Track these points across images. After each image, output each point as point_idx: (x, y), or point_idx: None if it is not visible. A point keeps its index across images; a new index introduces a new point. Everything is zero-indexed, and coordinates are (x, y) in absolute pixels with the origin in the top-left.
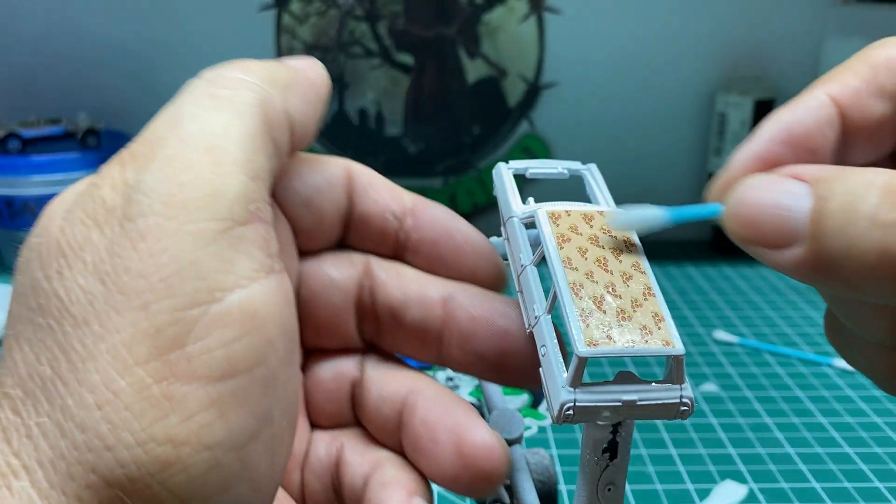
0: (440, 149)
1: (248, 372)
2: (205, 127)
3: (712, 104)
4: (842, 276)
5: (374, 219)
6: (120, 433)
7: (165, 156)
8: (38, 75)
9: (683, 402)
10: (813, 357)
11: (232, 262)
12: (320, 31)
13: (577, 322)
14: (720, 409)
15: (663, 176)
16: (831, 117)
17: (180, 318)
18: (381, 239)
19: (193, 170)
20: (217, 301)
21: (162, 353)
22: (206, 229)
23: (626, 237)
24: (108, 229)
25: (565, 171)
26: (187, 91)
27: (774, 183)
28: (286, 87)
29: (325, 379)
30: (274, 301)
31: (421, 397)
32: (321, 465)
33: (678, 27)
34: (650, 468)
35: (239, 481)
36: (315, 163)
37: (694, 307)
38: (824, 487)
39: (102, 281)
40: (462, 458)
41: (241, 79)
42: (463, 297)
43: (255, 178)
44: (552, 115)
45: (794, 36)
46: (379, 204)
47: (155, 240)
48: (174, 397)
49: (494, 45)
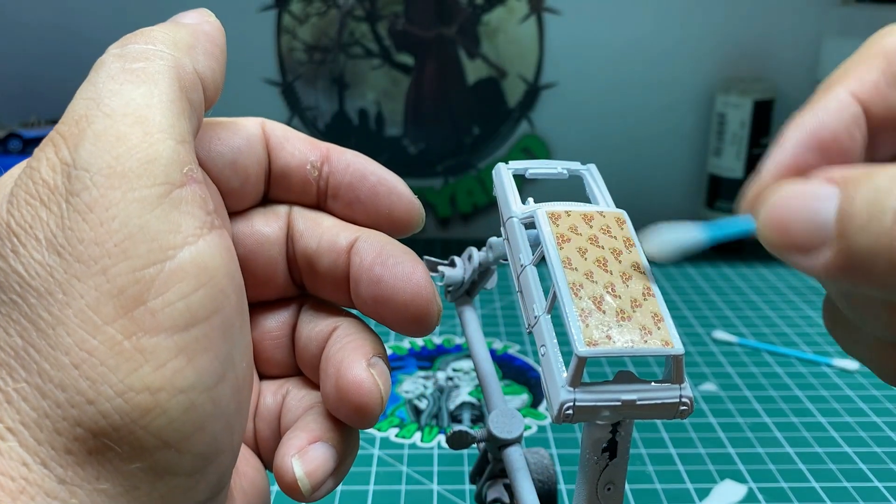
0: (440, 149)
1: (207, 320)
2: (127, 100)
3: (712, 104)
4: (871, 275)
5: (295, 171)
6: (99, 387)
7: (95, 132)
8: (39, 76)
9: (683, 401)
10: (812, 357)
11: (177, 223)
12: (320, 32)
13: (577, 322)
14: (719, 409)
15: (663, 176)
16: (856, 116)
17: (139, 278)
18: (303, 189)
19: (125, 141)
20: (170, 259)
21: (127, 310)
22: (149, 195)
23: (626, 237)
24: (54, 206)
25: (565, 171)
26: (100, 69)
27: (803, 188)
28: (191, 48)
29: (269, 329)
30: (220, 254)
31: (334, 336)
32: (269, 413)
33: (678, 28)
34: (650, 468)
35: (212, 420)
36: (232, 125)
37: (693, 307)
38: (823, 487)
39: (59, 253)
40: (338, 392)
41: (150, 50)
42: (363, 244)
43: (183, 142)
44: (552, 116)
45: (793, 36)
46: (296, 156)
47: (103, 210)
48: (145, 349)
49: (494, 45)
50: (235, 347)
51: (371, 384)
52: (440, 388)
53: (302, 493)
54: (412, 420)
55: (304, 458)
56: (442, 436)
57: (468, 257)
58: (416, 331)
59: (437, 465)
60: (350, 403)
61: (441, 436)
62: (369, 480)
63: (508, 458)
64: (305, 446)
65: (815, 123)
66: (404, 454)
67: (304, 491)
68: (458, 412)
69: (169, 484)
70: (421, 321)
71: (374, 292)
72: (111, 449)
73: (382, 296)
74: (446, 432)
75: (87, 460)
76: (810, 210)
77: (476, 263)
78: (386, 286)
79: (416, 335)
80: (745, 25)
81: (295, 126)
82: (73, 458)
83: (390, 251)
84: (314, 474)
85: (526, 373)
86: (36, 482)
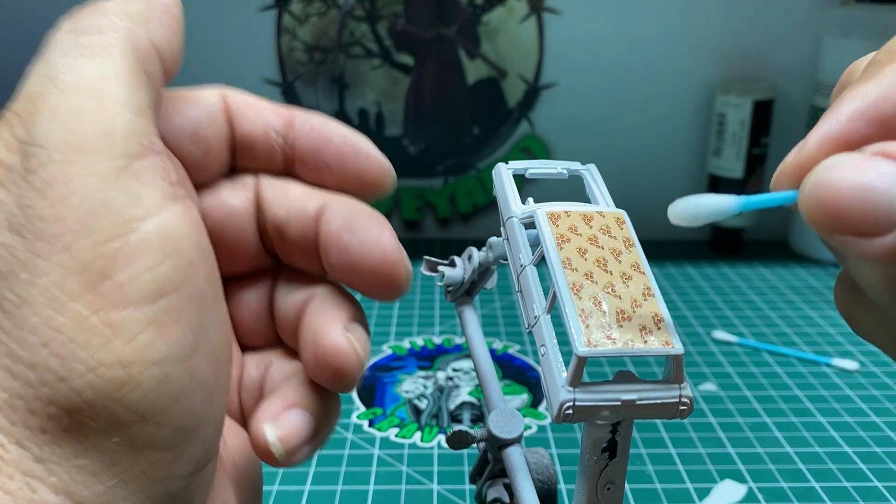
0: (440, 149)
1: (176, 291)
2: (82, 74)
3: (711, 104)
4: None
5: (259, 139)
6: (70, 364)
7: (50, 108)
8: None
9: (682, 401)
10: (812, 357)
11: (139, 195)
12: (320, 32)
13: (577, 322)
14: (719, 409)
15: (663, 176)
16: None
17: (103, 252)
18: (269, 157)
19: (81, 116)
20: (133, 231)
21: (93, 285)
22: (108, 168)
23: (626, 237)
24: (12, 186)
25: (565, 171)
26: (53, 45)
27: (863, 162)
28: (146, 20)
29: (247, 301)
30: (185, 224)
31: (311, 302)
32: (253, 385)
33: (678, 28)
34: (650, 467)
35: (190, 392)
36: (192, 97)
37: (693, 307)
38: (823, 487)
39: (19, 233)
40: (316, 358)
41: (102, 23)
42: (330, 211)
43: (141, 114)
44: (552, 116)
45: (793, 36)
46: (259, 124)
47: (62, 186)
48: (114, 323)
49: (494, 45)
50: (209, 318)
51: (348, 348)
52: (440, 387)
53: (276, 458)
54: (412, 420)
55: (278, 422)
56: (442, 436)
57: (468, 257)
58: (387, 295)
59: (437, 465)
60: (328, 368)
61: (441, 436)
62: (369, 480)
63: (508, 458)
64: (280, 412)
65: (878, 93)
66: (404, 454)
67: (278, 455)
68: (458, 412)
69: (150, 458)
70: (391, 285)
71: (342, 259)
72: (86, 425)
73: (351, 262)
74: (446, 432)
75: (64, 438)
76: (874, 189)
77: (476, 263)
78: (353, 253)
79: (388, 299)
80: (745, 25)
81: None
82: (49, 437)
83: (356, 217)
84: (287, 439)
85: (526, 373)
86: (13, 462)
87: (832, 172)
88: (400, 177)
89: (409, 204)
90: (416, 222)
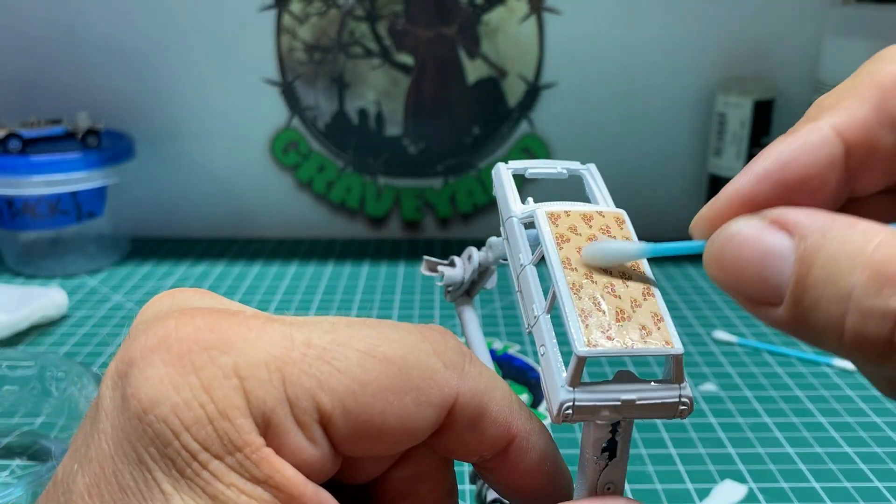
0: (440, 149)
1: None
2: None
3: (712, 104)
4: (823, 346)
5: (458, 455)
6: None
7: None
8: (39, 75)
9: (682, 401)
10: (812, 357)
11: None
12: (320, 32)
13: (577, 322)
14: (720, 409)
15: (663, 176)
16: (833, 158)
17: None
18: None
19: None
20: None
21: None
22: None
23: (626, 237)
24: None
25: (564, 171)
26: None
27: (759, 235)
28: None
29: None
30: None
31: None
32: None
33: (678, 27)
34: (650, 468)
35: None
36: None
37: (693, 307)
38: (824, 487)
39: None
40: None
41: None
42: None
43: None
44: (552, 115)
45: (793, 36)
46: (471, 446)
47: None
48: None
49: (494, 45)
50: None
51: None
52: None
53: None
54: None
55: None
56: None
57: (468, 257)
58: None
59: None
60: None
61: None
62: None
63: None
64: None
65: (788, 156)
66: None
67: None
68: None
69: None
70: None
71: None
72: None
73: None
74: None
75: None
76: (764, 266)
77: (476, 263)
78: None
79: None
80: (745, 25)
81: (295, 126)
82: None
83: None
84: None
85: (526, 373)
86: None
87: (732, 240)
88: (400, 177)
89: (409, 204)
90: (416, 222)
